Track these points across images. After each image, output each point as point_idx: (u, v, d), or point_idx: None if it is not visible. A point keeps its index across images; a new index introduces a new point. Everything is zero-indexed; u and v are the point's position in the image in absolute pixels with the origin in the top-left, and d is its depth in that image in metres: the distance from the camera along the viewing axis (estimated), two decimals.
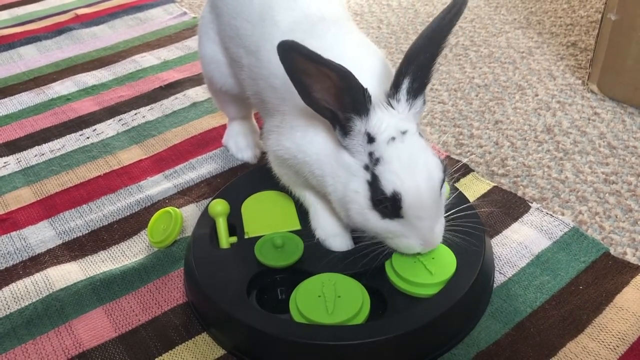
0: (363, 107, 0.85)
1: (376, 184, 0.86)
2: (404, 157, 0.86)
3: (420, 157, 0.87)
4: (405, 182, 0.85)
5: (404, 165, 0.85)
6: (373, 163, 0.86)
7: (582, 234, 1.11)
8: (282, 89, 0.96)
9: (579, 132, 1.42)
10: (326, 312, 0.90)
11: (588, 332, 0.94)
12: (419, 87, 0.87)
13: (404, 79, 0.86)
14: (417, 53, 0.84)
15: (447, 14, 0.85)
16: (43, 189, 1.32)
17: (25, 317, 1.00)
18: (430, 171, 0.86)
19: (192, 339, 0.96)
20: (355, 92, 0.83)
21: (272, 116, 1.01)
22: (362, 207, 0.88)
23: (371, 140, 0.86)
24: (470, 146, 1.39)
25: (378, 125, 0.86)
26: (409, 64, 0.85)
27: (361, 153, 0.87)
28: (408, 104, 0.87)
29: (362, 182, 0.87)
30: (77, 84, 1.73)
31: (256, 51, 1.02)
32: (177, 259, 1.10)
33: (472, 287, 0.95)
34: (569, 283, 1.02)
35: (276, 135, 0.99)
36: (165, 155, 1.41)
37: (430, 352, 0.91)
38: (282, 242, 1.01)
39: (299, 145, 0.94)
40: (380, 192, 0.85)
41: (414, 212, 0.86)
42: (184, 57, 1.86)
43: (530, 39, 1.86)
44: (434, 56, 0.86)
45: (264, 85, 1.02)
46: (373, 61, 0.96)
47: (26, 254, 1.14)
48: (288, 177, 1.05)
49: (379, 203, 0.87)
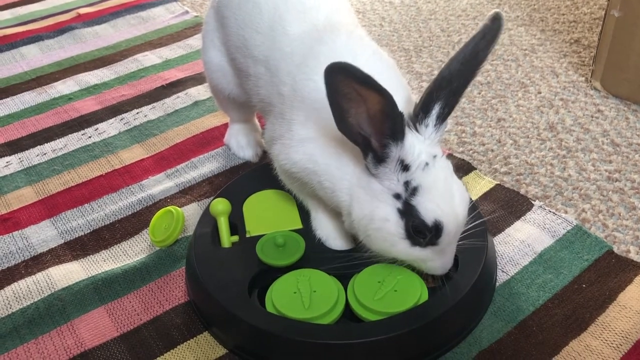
0: (400, 133, 0.82)
1: (414, 214, 0.83)
2: (440, 185, 0.84)
3: (452, 183, 0.86)
4: (446, 211, 0.84)
5: (442, 193, 0.84)
6: (409, 193, 0.84)
7: (585, 232, 1.10)
8: (290, 97, 0.94)
9: (582, 129, 1.41)
10: (302, 307, 0.90)
11: (591, 330, 0.93)
12: (448, 112, 0.85)
13: (435, 104, 0.83)
14: (450, 78, 0.82)
15: (482, 39, 0.82)
16: (45, 189, 1.32)
17: (27, 317, 1.00)
18: (464, 196, 0.86)
19: (193, 338, 0.96)
20: (395, 117, 0.80)
21: (277, 123, 0.98)
22: (391, 236, 0.86)
23: (405, 168, 0.83)
24: (472, 144, 1.39)
25: (411, 151, 0.83)
26: (441, 89, 0.82)
27: (392, 181, 0.84)
28: (436, 129, 0.85)
29: (392, 210, 0.85)
30: (79, 84, 1.73)
31: (265, 61, 1.01)
32: (178, 258, 1.10)
33: (475, 285, 0.94)
34: (572, 281, 1.02)
35: (282, 146, 0.95)
36: (167, 154, 1.41)
37: (433, 351, 0.91)
38: (283, 241, 1.01)
39: (310, 155, 0.91)
40: (421, 223, 0.83)
41: (448, 240, 0.86)
42: (185, 55, 1.86)
43: (533, 36, 1.86)
44: (467, 82, 0.84)
45: (272, 93, 1.00)
46: (392, 78, 0.93)
47: (28, 254, 1.14)
48: (290, 184, 1.04)
49: (418, 233, 0.85)
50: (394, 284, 0.93)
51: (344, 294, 0.94)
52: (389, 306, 0.89)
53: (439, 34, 1.91)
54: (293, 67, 0.95)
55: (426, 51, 1.81)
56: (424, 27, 1.96)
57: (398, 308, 0.89)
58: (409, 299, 0.90)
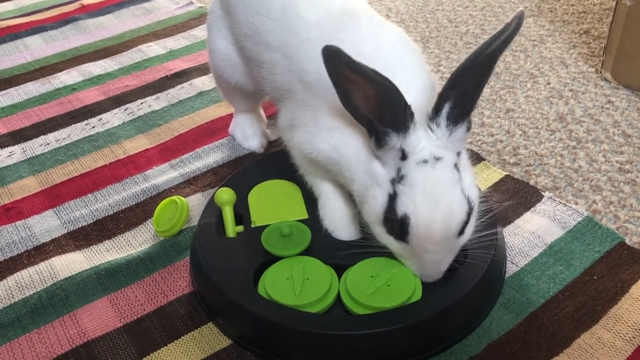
0: (402, 124, 0.79)
1: (393, 201, 0.82)
2: (429, 185, 0.80)
3: (446, 192, 0.81)
4: (419, 211, 0.80)
5: (425, 193, 0.80)
6: (397, 179, 0.82)
7: (597, 224, 1.08)
8: (316, 85, 0.92)
9: (592, 120, 1.39)
10: (293, 293, 0.89)
11: (603, 323, 0.92)
12: (461, 113, 0.80)
13: (445, 103, 0.80)
14: (461, 77, 0.79)
15: (497, 38, 0.79)
16: (48, 179, 1.31)
17: (29, 307, 0.99)
18: (452, 209, 0.81)
19: (197, 328, 0.94)
20: (397, 108, 0.78)
21: (298, 110, 0.96)
22: (374, 216, 0.86)
23: (404, 158, 0.81)
24: (481, 135, 1.37)
25: (415, 144, 0.81)
26: (451, 87, 0.79)
27: (391, 166, 0.83)
28: (448, 130, 0.81)
29: (384, 193, 0.83)
30: (83, 74, 1.71)
31: (281, 47, 0.99)
32: (182, 249, 1.09)
33: (484, 276, 0.92)
34: (583, 273, 1.00)
35: (305, 134, 0.94)
36: (171, 145, 1.39)
37: (441, 342, 0.89)
38: (289, 231, 0.99)
39: (335, 146, 0.89)
40: (392, 211, 0.82)
41: (419, 243, 0.83)
42: (190, 46, 1.84)
43: (542, 27, 1.83)
44: (480, 82, 0.81)
45: (292, 80, 0.97)
46: (415, 65, 0.90)
47: (31, 244, 1.13)
48: (309, 170, 1.02)
49: (387, 221, 0.84)
50: (387, 278, 0.91)
51: (337, 284, 0.92)
52: (379, 301, 0.88)
53: (446, 24, 1.89)
54: (314, 54, 0.92)
55: (433, 42, 1.79)
56: (431, 18, 1.94)
57: (388, 304, 0.87)
58: (401, 294, 0.88)
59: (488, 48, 0.78)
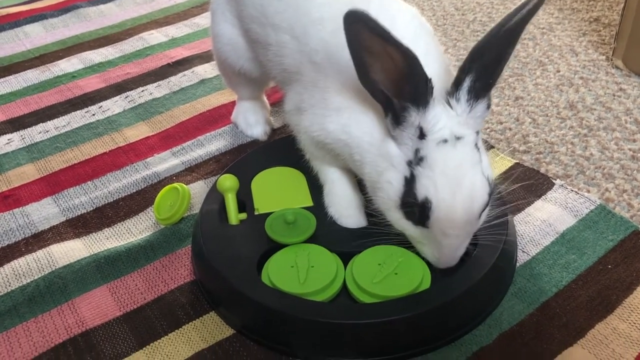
0: (423, 98, 0.76)
1: (411, 185, 0.79)
2: (450, 167, 0.77)
3: (467, 173, 0.78)
4: (441, 195, 0.77)
5: (446, 174, 0.77)
6: (416, 161, 0.78)
7: (610, 212, 1.05)
8: (324, 65, 0.89)
9: (603, 108, 1.36)
10: (297, 281, 0.87)
11: (618, 313, 0.89)
12: (482, 87, 0.77)
13: (466, 76, 0.76)
14: (483, 50, 0.75)
15: (519, 12, 0.76)
16: (47, 166, 1.28)
17: (26, 295, 0.96)
18: (474, 192, 0.78)
19: (199, 318, 0.92)
20: (418, 80, 0.75)
21: (307, 92, 0.93)
22: (389, 201, 0.82)
23: (422, 137, 0.78)
24: (490, 122, 1.33)
25: (434, 122, 0.77)
26: (473, 60, 0.76)
27: (408, 147, 0.79)
28: (468, 105, 0.78)
29: (400, 176, 0.80)
30: (83, 62, 1.69)
31: (289, 28, 0.96)
32: (184, 236, 1.06)
33: (494, 265, 0.89)
34: (597, 262, 0.97)
35: (314, 116, 0.91)
36: (172, 132, 1.36)
37: (451, 332, 0.86)
38: (294, 218, 0.97)
39: (344, 126, 0.86)
40: (412, 195, 0.78)
41: (440, 227, 0.80)
42: (192, 34, 1.81)
43: (551, 15, 1.79)
44: (503, 55, 0.77)
45: (301, 61, 0.94)
46: (429, 44, 0.87)
47: (29, 231, 1.10)
48: (317, 154, 0.99)
49: (406, 205, 0.80)
50: (394, 266, 0.88)
51: (343, 272, 0.90)
52: (387, 289, 0.85)
53: (453, 12, 1.86)
54: (325, 34, 0.89)
55: (440, 30, 1.75)
56: (437, 6, 1.90)
57: (396, 292, 0.84)
58: (409, 283, 0.85)
59: (510, 21, 0.75)
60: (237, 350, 0.86)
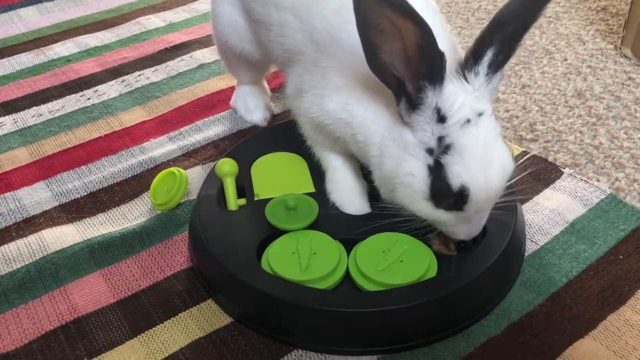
0: (439, 75, 0.72)
1: (441, 174, 0.75)
2: (478, 148, 0.74)
3: (494, 148, 0.75)
4: (477, 178, 0.74)
5: (477, 157, 0.74)
6: (442, 150, 0.74)
7: (620, 201, 1.02)
8: (326, 44, 0.85)
9: (612, 97, 1.33)
10: (299, 268, 0.84)
11: (631, 304, 0.86)
12: (503, 60, 0.74)
13: (488, 49, 0.72)
14: (506, 20, 0.71)
15: None
16: (40, 150, 1.24)
17: (17, 280, 0.92)
18: (504, 165, 0.76)
19: (196, 305, 0.88)
20: (434, 55, 0.70)
21: (307, 73, 0.90)
22: (415, 193, 0.78)
23: (441, 120, 0.74)
24: (496, 110, 1.30)
25: (451, 101, 0.74)
26: (495, 32, 0.72)
27: (427, 133, 0.75)
28: (487, 79, 0.74)
29: (422, 166, 0.76)
30: (79, 45, 1.64)
31: (292, 7, 0.92)
32: (181, 222, 1.02)
33: (502, 254, 0.86)
34: (608, 252, 0.94)
35: (313, 97, 0.88)
36: (169, 117, 1.32)
37: (457, 322, 0.83)
38: (295, 204, 0.93)
39: (344, 104, 0.83)
40: (445, 185, 0.75)
41: (477, 207, 0.77)
42: (190, 19, 1.77)
43: (557, 3, 1.76)
44: (527, 26, 0.73)
45: (303, 41, 0.90)
46: (436, 23, 0.83)
47: (20, 216, 1.07)
48: (318, 139, 0.95)
49: (441, 195, 0.76)
50: (400, 254, 0.85)
51: (347, 259, 0.86)
52: (391, 277, 0.82)
53: (457, 0, 1.82)
54: (328, 12, 0.85)
55: (445, 17, 1.70)
56: None
57: (401, 280, 0.81)
58: (415, 271, 0.82)
59: None
60: (235, 339, 0.83)
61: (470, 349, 0.80)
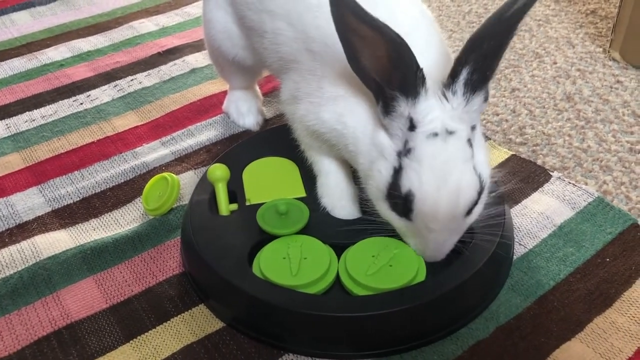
0: (412, 88, 0.73)
1: (397, 176, 0.77)
2: (438, 161, 0.75)
3: (456, 169, 0.75)
4: (425, 189, 0.75)
5: (432, 169, 0.74)
6: (404, 152, 0.76)
7: (608, 204, 1.03)
8: (321, 53, 0.86)
9: (601, 100, 1.34)
10: (290, 273, 0.84)
11: (617, 306, 0.87)
12: (480, 79, 0.74)
13: (463, 68, 0.73)
14: (481, 39, 0.72)
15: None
16: (33, 155, 1.24)
17: (9, 287, 0.93)
18: (461, 190, 0.75)
19: (188, 310, 0.89)
20: (407, 69, 0.72)
21: (303, 81, 0.90)
22: (378, 191, 0.81)
23: (412, 128, 0.75)
24: (485, 113, 1.31)
25: (425, 113, 0.74)
26: (470, 51, 0.72)
27: (398, 137, 0.77)
28: (464, 99, 0.74)
29: (389, 167, 0.78)
30: (72, 50, 1.65)
31: (285, 15, 0.93)
32: (173, 228, 1.03)
33: (491, 258, 0.87)
34: (595, 255, 0.95)
35: (309, 105, 0.88)
36: (162, 122, 1.33)
37: (446, 326, 0.84)
38: (286, 209, 0.94)
39: (339, 115, 0.84)
40: (396, 187, 0.77)
41: (423, 222, 0.78)
42: (183, 23, 1.78)
43: (547, 6, 1.78)
44: (502, 45, 0.73)
45: (298, 49, 0.91)
46: (430, 32, 0.85)
47: (13, 222, 1.07)
48: (312, 144, 0.96)
49: (391, 197, 0.79)
50: (389, 258, 0.86)
51: (337, 264, 0.87)
52: (381, 282, 0.83)
53: (448, 3, 1.83)
54: (322, 21, 0.86)
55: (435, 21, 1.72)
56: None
57: (390, 284, 0.82)
58: (404, 275, 0.83)
59: (510, 9, 0.71)
60: (226, 344, 0.84)
61: (459, 352, 0.81)
